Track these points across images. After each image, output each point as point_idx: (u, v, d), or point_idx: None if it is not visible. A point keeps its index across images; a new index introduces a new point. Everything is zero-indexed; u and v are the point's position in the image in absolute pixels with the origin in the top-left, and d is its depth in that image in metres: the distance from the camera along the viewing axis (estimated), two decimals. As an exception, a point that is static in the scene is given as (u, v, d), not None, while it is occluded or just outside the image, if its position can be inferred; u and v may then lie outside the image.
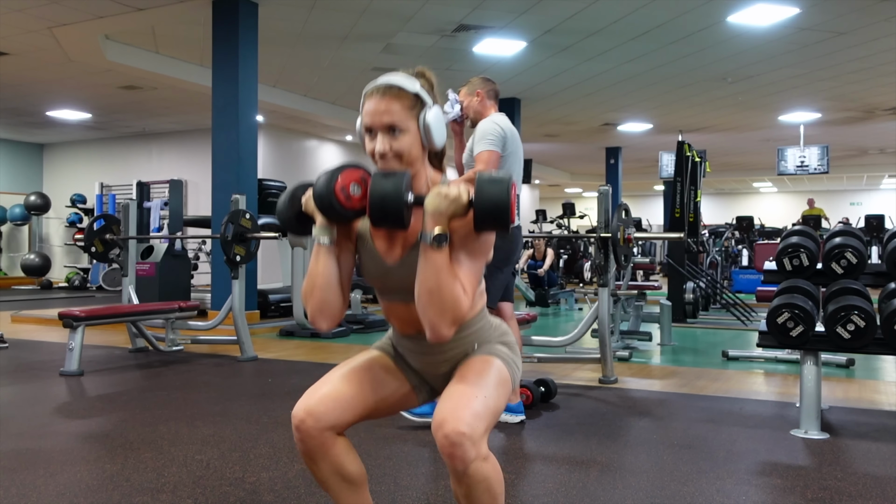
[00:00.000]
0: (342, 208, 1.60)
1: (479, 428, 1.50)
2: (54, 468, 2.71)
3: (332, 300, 1.66)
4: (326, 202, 1.59)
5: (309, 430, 1.61)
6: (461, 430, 1.46)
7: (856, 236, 3.42)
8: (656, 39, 8.00)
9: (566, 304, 10.05)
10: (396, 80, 1.61)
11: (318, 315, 1.66)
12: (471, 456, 1.47)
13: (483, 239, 1.61)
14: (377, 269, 1.69)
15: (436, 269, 1.52)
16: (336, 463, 1.65)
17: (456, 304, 1.53)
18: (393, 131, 1.58)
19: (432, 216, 1.52)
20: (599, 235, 4.40)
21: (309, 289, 1.66)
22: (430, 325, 1.55)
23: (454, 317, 1.54)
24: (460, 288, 1.55)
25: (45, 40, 7.82)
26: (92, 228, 5.82)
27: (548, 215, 14.53)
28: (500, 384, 1.63)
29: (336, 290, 1.66)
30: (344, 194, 1.59)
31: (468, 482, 1.50)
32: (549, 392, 3.84)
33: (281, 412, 3.63)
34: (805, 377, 3.20)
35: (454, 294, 1.53)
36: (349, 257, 1.72)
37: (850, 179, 21.78)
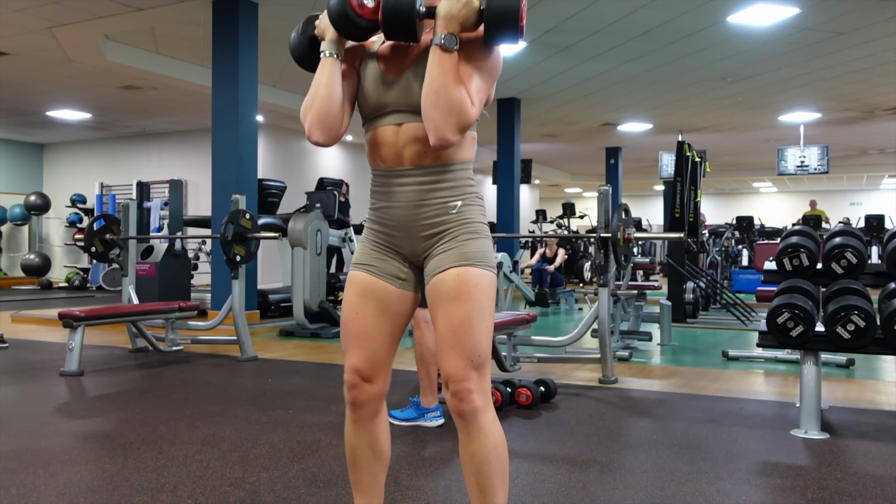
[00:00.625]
0: (355, 15, 1.61)
1: (483, 382, 1.60)
2: (54, 468, 2.71)
3: (333, 112, 1.65)
4: (340, 10, 1.61)
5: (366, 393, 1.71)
6: (469, 386, 1.58)
7: (856, 236, 3.42)
8: (656, 39, 8.00)
9: (566, 304, 10.06)
10: None
11: (316, 126, 1.65)
12: (478, 404, 1.59)
13: (491, 57, 1.62)
14: (376, 84, 1.67)
15: (443, 70, 1.53)
16: (374, 434, 1.75)
17: (462, 108, 1.53)
18: None
19: (444, 19, 1.54)
20: (599, 235, 4.40)
21: (310, 101, 1.65)
22: (435, 127, 1.54)
23: (459, 121, 1.54)
24: (467, 96, 1.55)
25: (45, 40, 7.82)
26: (92, 228, 5.82)
27: (548, 215, 14.54)
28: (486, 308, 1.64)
29: (337, 103, 1.65)
30: (357, 2, 1.61)
31: (479, 437, 1.59)
32: (549, 392, 3.84)
33: (281, 412, 3.63)
34: (805, 377, 3.20)
35: (460, 97, 1.53)
36: (353, 81, 1.72)
37: (850, 179, 21.78)
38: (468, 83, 1.58)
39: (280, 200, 9.11)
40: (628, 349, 5.49)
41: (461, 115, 1.54)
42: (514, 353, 4.47)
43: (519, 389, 3.73)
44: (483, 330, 1.62)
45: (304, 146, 13.80)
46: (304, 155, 13.78)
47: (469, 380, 1.59)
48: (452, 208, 1.66)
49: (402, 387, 4.18)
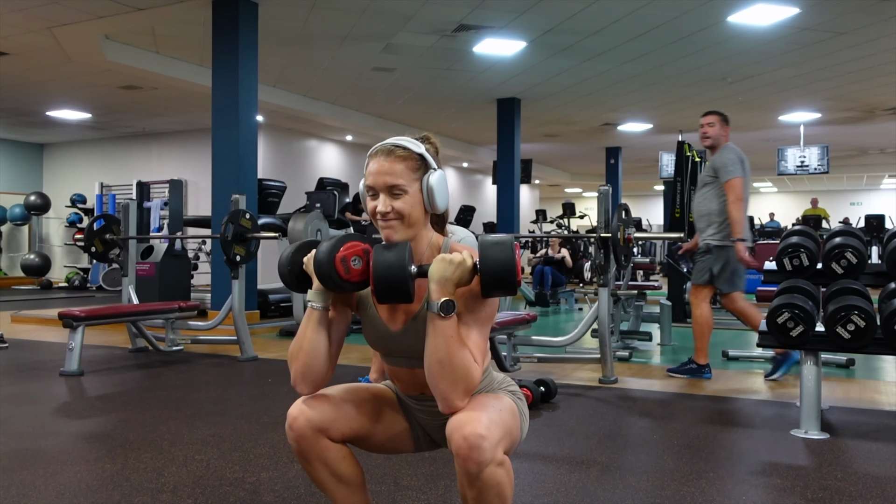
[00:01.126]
0: (340, 280, 1.58)
1: (495, 433, 1.47)
2: (54, 468, 2.71)
3: (317, 367, 1.63)
4: (325, 272, 1.58)
5: (301, 428, 1.61)
6: (479, 432, 1.44)
7: (856, 236, 3.42)
8: (656, 39, 8.00)
9: (566, 304, 10.05)
10: (401, 142, 1.60)
11: (300, 379, 1.65)
12: (487, 458, 1.44)
13: (490, 303, 1.59)
14: (380, 336, 1.67)
15: (445, 338, 1.48)
16: (330, 463, 1.65)
17: (468, 374, 1.50)
18: (395, 192, 1.57)
19: (438, 284, 1.49)
20: (599, 235, 4.40)
21: (295, 351, 1.64)
22: (442, 397, 1.51)
23: (466, 387, 1.50)
24: (470, 357, 1.51)
25: (45, 40, 7.82)
26: (92, 228, 5.82)
27: (548, 215, 14.54)
28: (510, 412, 1.59)
29: (322, 358, 1.63)
30: (344, 266, 1.58)
31: (480, 486, 1.47)
32: (549, 392, 3.84)
33: (281, 412, 3.62)
34: (805, 377, 3.20)
35: (465, 364, 1.49)
36: (343, 323, 1.70)
37: (851, 179, 21.79)
38: (468, 339, 1.54)
39: (280, 200, 9.11)
40: (628, 349, 5.49)
41: (467, 381, 1.50)
42: (514, 353, 4.47)
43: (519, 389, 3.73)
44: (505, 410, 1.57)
45: (304, 146, 13.80)
46: (304, 155, 13.78)
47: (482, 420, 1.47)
48: None
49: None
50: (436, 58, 8.82)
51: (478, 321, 1.57)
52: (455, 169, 18.92)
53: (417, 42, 8.20)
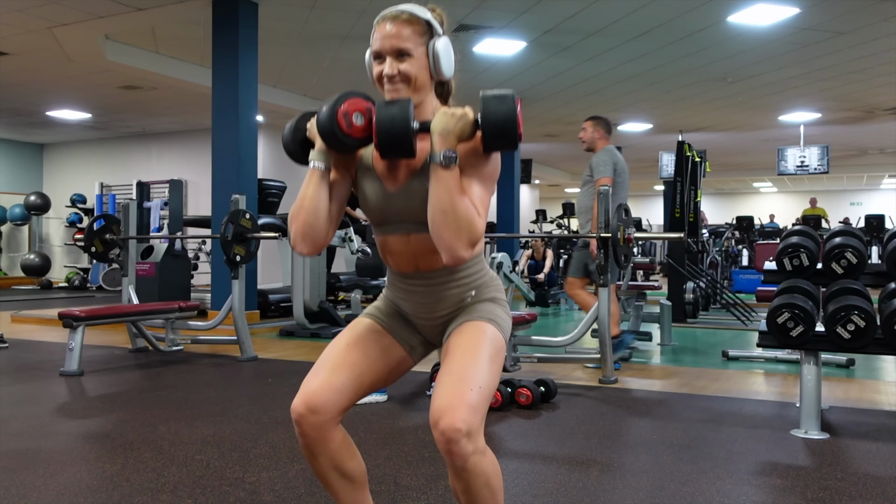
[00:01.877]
0: (343, 135, 1.59)
1: (475, 422, 1.48)
2: (54, 468, 2.71)
3: (318, 226, 1.63)
4: (328, 127, 1.59)
5: (310, 423, 1.59)
6: (457, 426, 1.45)
7: (856, 236, 3.42)
8: (656, 39, 8.00)
9: (566, 304, 10.05)
10: (408, 7, 1.63)
11: (300, 238, 1.64)
12: (468, 451, 1.46)
13: (491, 161, 1.60)
14: (378, 198, 1.66)
15: (448, 188, 1.50)
16: (336, 458, 1.64)
17: (471, 224, 1.51)
18: (402, 55, 1.59)
19: (441, 135, 1.52)
20: (599, 235, 4.40)
21: (296, 211, 1.64)
22: (447, 247, 1.52)
23: (470, 237, 1.52)
24: (473, 208, 1.53)
25: (45, 40, 7.82)
26: (92, 228, 5.82)
27: (548, 215, 14.54)
28: (494, 357, 1.60)
29: (323, 217, 1.63)
30: (346, 121, 1.59)
31: (466, 477, 1.50)
32: (549, 392, 3.84)
33: (281, 412, 3.63)
34: (805, 377, 3.20)
35: (469, 213, 1.51)
36: (344, 187, 1.70)
37: (850, 179, 21.79)
38: (471, 194, 1.56)
39: (280, 200, 9.11)
40: (628, 349, 5.48)
41: (471, 231, 1.52)
42: (514, 353, 4.47)
43: (519, 389, 3.73)
44: (488, 368, 1.57)
45: (304, 146, 13.78)
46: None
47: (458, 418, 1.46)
48: (468, 299, 1.70)
49: (402, 386, 4.17)
50: (436, 58, 8.81)
51: (480, 176, 1.58)
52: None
53: (417, 42, 8.19)
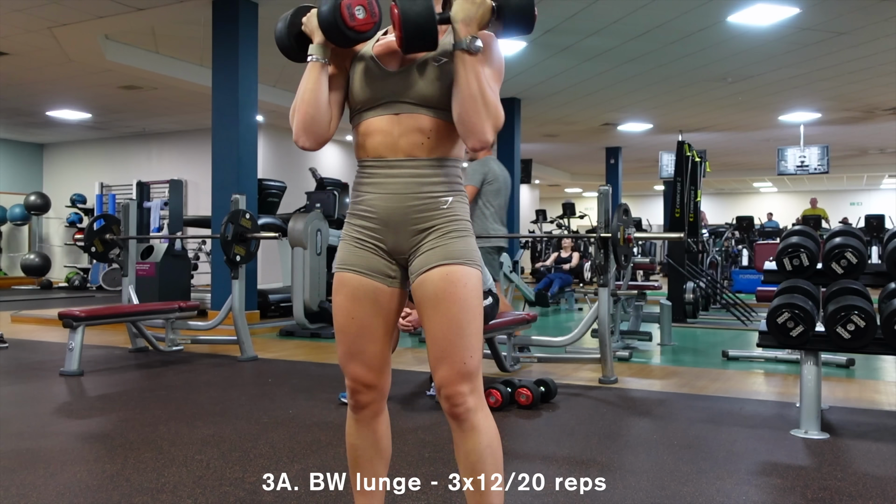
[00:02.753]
0: (345, 27, 1.59)
1: (475, 384, 1.62)
2: (54, 468, 2.71)
3: (319, 118, 1.64)
4: (330, 18, 1.58)
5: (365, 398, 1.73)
6: (460, 390, 1.60)
7: (856, 236, 3.42)
8: (656, 39, 8.00)
9: (566, 304, 10.05)
10: None
11: (302, 131, 1.64)
12: (472, 407, 1.62)
13: (497, 53, 1.64)
14: (373, 77, 1.64)
15: (476, 74, 1.53)
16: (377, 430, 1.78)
17: (497, 109, 1.56)
18: None
19: (463, 23, 1.54)
20: (599, 235, 4.40)
21: (296, 104, 1.65)
22: (477, 130, 1.55)
23: (496, 123, 1.56)
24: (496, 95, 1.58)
25: (45, 40, 7.82)
26: (92, 228, 5.82)
27: (548, 215, 14.54)
28: (476, 309, 1.63)
29: (324, 108, 1.64)
30: (349, 13, 1.58)
31: (474, 436, 1.62)
32: (549, 392, 3.84)
33: (281, 412, 3.63)
34: (805, 377, 3.20)
35: (494, 98, 1.56)
36: (341, 80, 1.70)
37: (851, 179, 21.78)
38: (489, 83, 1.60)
39: (280, 200, 9.11)
40: (628, 349, 5.49)
41: (497, 117, 1.57)
42: (514, 353, 4.47)
43: (519, 389, 3.73)
44: (473, 331, 1.62)
45: (304, 146, 13.78)
46: (304, 155, 13.76)
47: (461, 383, 1.61)
48: (444, 203, 1.64)
49: (402, 386, 4.17)
50: (436, 58, 8.81)
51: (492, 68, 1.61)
52: (455, 169, 18.89)
53: (417, 42, 8.19)
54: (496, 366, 4.41)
